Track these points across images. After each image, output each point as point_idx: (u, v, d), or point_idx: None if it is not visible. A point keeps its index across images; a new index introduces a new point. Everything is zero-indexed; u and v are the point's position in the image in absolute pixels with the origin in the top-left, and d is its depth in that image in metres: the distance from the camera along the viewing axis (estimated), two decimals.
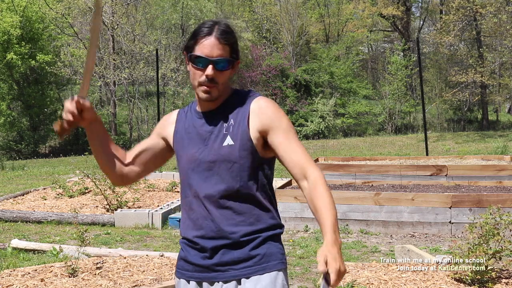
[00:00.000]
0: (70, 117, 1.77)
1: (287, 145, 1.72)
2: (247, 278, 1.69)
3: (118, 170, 1.90)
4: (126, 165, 1.91)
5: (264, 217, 1.74)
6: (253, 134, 1.72)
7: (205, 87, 1.72)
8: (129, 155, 1.92)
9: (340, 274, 1.48)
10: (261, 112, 1.74)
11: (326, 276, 1.50)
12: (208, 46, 1.69)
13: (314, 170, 1.70)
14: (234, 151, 1.71)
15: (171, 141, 1.87)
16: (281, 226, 1.80)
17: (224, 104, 1.80)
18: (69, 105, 1.76)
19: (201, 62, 1.70)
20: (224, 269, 1.71)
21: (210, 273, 1.73)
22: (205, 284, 1.75)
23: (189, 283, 1.78)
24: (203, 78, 1.71)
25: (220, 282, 1.72)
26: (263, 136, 1.73)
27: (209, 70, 1.69)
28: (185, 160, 1.79)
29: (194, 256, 1.76)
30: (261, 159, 1.76)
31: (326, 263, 1.49)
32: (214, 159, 1.72)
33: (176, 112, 1.93)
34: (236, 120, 1.75)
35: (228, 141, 1.72)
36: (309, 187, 1.68)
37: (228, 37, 1.71)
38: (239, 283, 1.71)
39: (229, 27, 1.73)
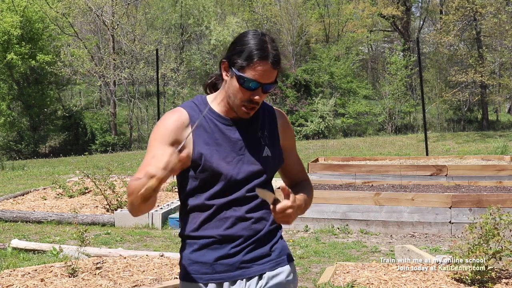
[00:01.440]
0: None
1: (298, 163, 1.97)
2: (271, 271, 1.78)
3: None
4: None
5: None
6: (282, 148, 1.87)
7: (247, 109, 1.73)
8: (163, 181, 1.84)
9: (285, 210, 1.62)
10: (285, 128, 1.90)
11: (276, 201, 1.61)
12: (263, 73, 1.68)
13: (307, 176, 2.03)
14: (272, 163, 1.82)
15: (190, 149, 1.73)
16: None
17: (256, 114, 1.82)
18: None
19: (251, 85, 1.69)
20: (249, 265, 1.76)
21: (234, 272, 1.76)
22: (226, 284, 1.75)
23: (207, 286, 1.76)
24: (249, 100, 1.71)
25: (244, 279, 1.76)
26: (285, 151, 1.90)
27: (258, 93, 1.70)
28: (216, 167, 1.72)
29: (216, 257, 1.75)
30: None
31: (287, 193, 1.63)
32: (254, 168, 1.77)
33: (184, 113, 1.77)
34: (269, 132, 1.84)
35: (267, 152, 1.80)
36: (303, 182, 1.97)
37: (279, 62, 1.71)
38: (260, 277, 1.77)
39: (279, 54, 1.73)
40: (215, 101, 1.81)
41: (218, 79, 1.88)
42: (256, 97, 1.70)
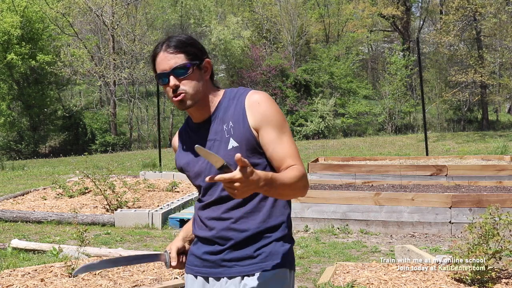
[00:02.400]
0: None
1: (277, 143, 1.72)
2: (252, 275, 1.72)
3: None
4: None
5: (274, 217, 1.77)
6: (254, 130, 1.73)
7: (175, 98, 1.75)
8: None
9: (233, 186, 1.44)
10: (254, 108, 1.73)
11: (225, 168, 1.45)
12: (161, 61, 1.75)
13: (301, 166, 1.72)
14: (242, 152, 1.68)
15: (175, 163, 1.94)
16: (286, 227, 1.82)
17: (218, 109, 1.80)
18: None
19: (163, 79, 1.75)
20: (230, 264, 1.75)
21: (217, 269, 1.78)
22: (211, 280, 1.80)
23: (196, 278, 1.84)
24: (170, 91, 1.75)
25: (225, 278, 1.76)
26: (257, 132, 1.74)
27: (171, 81, 1.73)
28: (193, 174, 1.83)
29: (203, 251, 1.82)
30: (265, 156, 1.77)
31: (243, 165, 1.42)
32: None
33: (176, 136, 1.97)
34: (235, 121, 1.74)
35: (232, 143, 1.72)
36: (288, 168, 1.71)
37: (177, 45, 1.74)
38: (242, 279, 1.74)
39: (177, 39, 1.76)
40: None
41: None
42: (172, 84, 1.72)
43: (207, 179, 1.46)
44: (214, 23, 26.42)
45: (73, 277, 4.27)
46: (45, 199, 8.44)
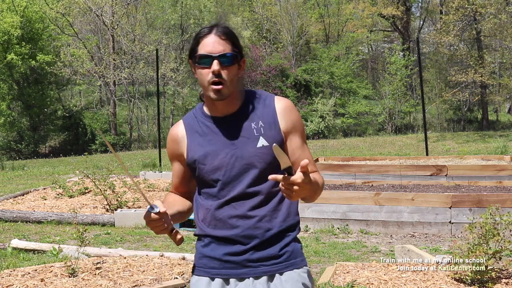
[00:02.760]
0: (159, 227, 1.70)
1: (302, 151, 1.82)
2: (280, 274, 1.76)
3: (189, 208, 1.95)
4: (189, 198, 1.95)
5: (292, 216, 1.82)
6: (283, 134, 1.80)
7: (214, 86, 1.71)
8: (180, 190, 1.95)
9: (293, 189, 1.50)
10: (286, 114, 1.81)
11: (289, 170, 1.49)
12: (210, 44, 1.71)
13: (319, 173, 1.84)
14: (271, 152, 1.72)
15: (185, 155, 1.84)
16: (299, 227, 1.89)
17: (244, 106, 1.81)
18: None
19: (205, 61, 1.71)
20: (256, 265, 1.75)
21: (241, 269, 1.76)
22: (232, 281, 1.77)
23: (213, 280, 1.79)
24: (210, 75, 1.71)
25: (251, 278, 1.76)
26: (286, 136, 1.81)
27: (215, 65, 1.70)
28: (211, 167, 1.77)
29: (223, 253, 1.77)
30: None
31: (305, 171, 1.49)
32: (249, 161, 1.75)
33: (180, 123, 1.89)
34: (265, 122, 1.78)
35: (262, 142, 1.76)
36: (315, 173, 1.80)
37: (228, 33, 1.74)
38: (270, 279, 1.76)
39: (228, 27, 1.76)
40: (205, 104, 1.86)
41: None
42: (215, 69, 1.69)
43: (271, 177, 1.50)
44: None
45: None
46: (45, 199, 8.44)
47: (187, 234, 6.47)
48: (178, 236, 1.73)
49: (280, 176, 1.49)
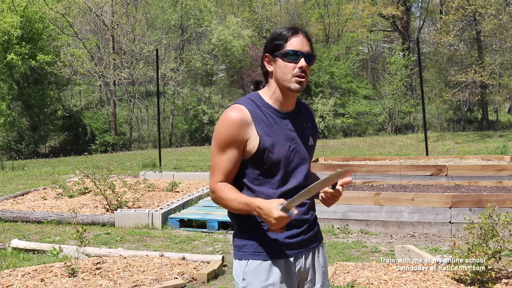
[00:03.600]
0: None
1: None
2: (317, 249, 2.11)
3: None
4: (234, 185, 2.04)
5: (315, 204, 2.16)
6: None
7: (299, 78, 1.91)
8: (230, 178, 1.98)
9: (337, 195, 1.91)
10: (315, 123, 2.16)
11: (334, 186, 1.88)
12: (299, 42, 1.92)
13: None
14: (313, 151, 2.09)
15: (254, 141, 1.90)
16: None
17: (298, 108, 2.06)
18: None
19: (295, 56, 1.91)
20: (307, 244, 2.04)
21: (297, 250, 2.00)
22: (291, 259, 1.98)
23: (275, 263, 1.95)
24: (297, 70, 1.91)
25: (303, 256, 2.03)
26: None
27: (302, 62, 1.91)
28: (278, 157, 1.93)
29: (284, 236, 1.96)
30: None
31: (343, 186, 1.90)
32: (304, 156, 2.01)
33: (244, 110, 1.91)
34: (311, 124, 2.09)
35: (311, 141, 2.06)
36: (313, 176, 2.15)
37: (310, 38, 1.97)
38: (313, 253, 2.08)
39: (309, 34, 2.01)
40: (267, 96, 1.99)
41: (260, 79, 2.11)
42: (303, 65, 1.90)
43: (324, 190, 1.91)
44: (214, 23, 26.42)
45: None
46: (45, 199, 8.44)
47: (187, 234, 6.47)
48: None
49: (329, 190, 1.88)
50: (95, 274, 4.38)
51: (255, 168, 1.94)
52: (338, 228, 6.40)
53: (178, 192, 8.94)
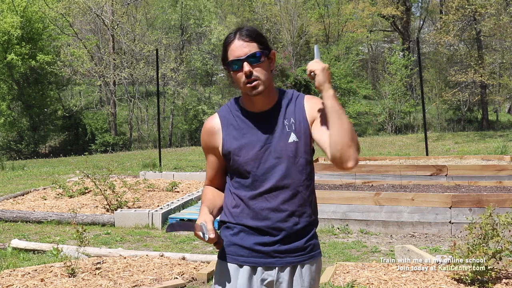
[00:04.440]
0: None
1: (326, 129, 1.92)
2: (302, 266, 1.90)
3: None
4: (223, 190, 2.03)
5: (315, 211, 1.96)
6: (310, 126, 1.92)
7: (249, 84, 1.84)
8: (215, 183, 2.03)
9: (314, 66, 1.82)
10: (312, 105, 1.94)
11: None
12: (237, 48, 1.84)
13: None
14: (300, 147, 1.89)
15: (220, 147, 1.93)
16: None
17: (278, 103, 1.93)
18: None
19: (236, 65, 1.85)
20: (283, 256, 1.87)
21: (268, 259, 1.87)
22: (259, 269, 1.87)
23: (241, 267, 1.88)
24: (243, 77, 1.84)
25: (277, 268, 1.88)
26: (311, 125, 1.93)
27: (246, 67, 1.83)
28: (245, 160, 1.87)
29: (253, 242, 1.87)
30: (312, 154, 1.97)
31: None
32: (281, 155, 1.87)
33: (216, 117, 1.97)
34: (296, 118, 1.91)
35: (293, 137, 1.89)
36: None
37: (250, 35, 1.86)
38: (293, 269, 1.89)
39: (250, 29, 1.89)
40: (241, 99, 1.98)
41: None
42: (247, 69, 1.82)
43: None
44: (214, 23, 26.42)
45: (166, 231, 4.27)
46: (45, 199, 8.44)
47: (187, 234, 6.47)
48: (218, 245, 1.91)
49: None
50: (95, 274, 4.38)
51: (230, 171, 1.94)
52: (338, 228, 6.40)
53: (178, 192, 8.94)
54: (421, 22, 34.70)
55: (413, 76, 26.08)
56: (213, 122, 1.96)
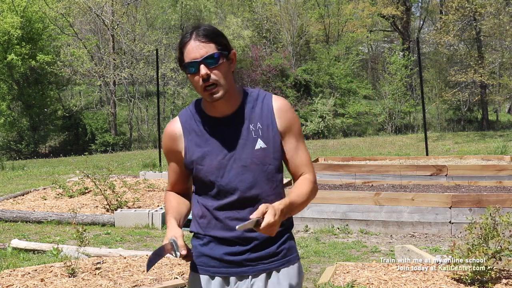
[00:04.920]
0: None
1: (296, 151, 1.83)
2: (277, 271, 1.81)
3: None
4: (187, 195, 1.95)
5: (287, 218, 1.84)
6: (281, 135, 1.80)
7: (207, 90, 1.70)
8: (177, 188, 1.94)
9: (270, 225, 1.57)
10: (282, 114, 1.80)
11: (258, 223, 1.58)
12: (192, 51, 1.70)
13: (312, 174, 1.86)
14: (269, 154, 1.76)
15: (183, 154, 1.82)
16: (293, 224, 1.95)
17: (243, 107, 1.79)
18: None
19: (192, 67, 1.70)
20: (255, 263, 1.79)
21: (240, 268, 1.79)
22: (232, 279, 1.80)
23: (213, 278, 1.81)
24: (201, 81, 1.70)
25: (250, 276, 1.79)
26: (282, 137, 1.81)
27: (203, 70, 1.68)
28: (209, 168, 1.76)
29: (223, 253, 1.79)
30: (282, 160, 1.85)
31: (263, 213, 1.58)
32: (247, 163, 1.75)
33: (177, 121, 1.85)
34: (263, 123, 1.77)
35: (260, 144, 1.76)
36: (300, 179, 1.84)
37: (207, 35, 1.71)
38: (268, 276, 1.80)
39: (208, 28, 1.74)
40: (202, 103, 1.84)
41: None
42: (203, 72, 1.68)
43: (238, 227, 1.54)
44: (214, 23, 26.43)
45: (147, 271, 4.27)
46: (45, 199, 8.44)
47: (187, 234, 6.47)
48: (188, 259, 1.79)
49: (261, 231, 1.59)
50: (95, 274, 4.38)
51: (195, 181, 1.85)
52: (338, 228, 6.40)
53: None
54: (421, 22, 34.72)
55: (413, 76, 26.08)
56: (174, 127, 1.84)
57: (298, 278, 1.85)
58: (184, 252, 1.69)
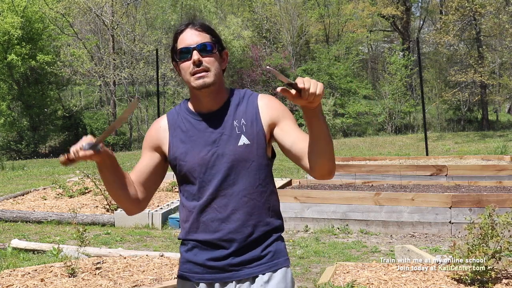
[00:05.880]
0: (81, 156, 1.66)
1: (298, 132, 1.74)
2: (263, 274, 1.73)
3: (132, 197, 1.81)
4: (137, 192, 1.83)
5: (275, 217, 1.79)
6: (266, 131, 1.75)
7: (197, 74, 1.69)
8: (137, 178, 1.86)
9: (311, 93, 1.44)
10: (269, 107, 1.77)
11: (292, 85, 1.43)
12: (188, 37, 1.72)
13: None
14: (252, 150, 1.72)
15: (166, 149, 1.80)
16: (283, 226, 1.86)
17: (228, 103, 1.78)
18: (84, 151, 1.65)
19: (185, 53, 1.71)
20: (238, 268, 1.73)
21: (224, 274, 1.74)
22: (217, 285, 1.76)
23: (198, 285, 1.77)
24: (192, 67, 1.69)
25: (234, 282, 1.74)
26: (272, 129, 1.76)
27: (194, 55, 1.69)
28: (192, 165, 1.74)
29: (206, 258, 1.75)
30: (269, 157, 1.79)
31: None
32: (230, 159, 1.71)
33: (164, 117, 1.86)
34: (247, 119, 1.75)
35: (244, 140, 1.72)
36: None
37: (204, 26, 1.74)
38: (253, 281, 1.73)
39: (203, 22, 1.77)
40: (190, 101, 1.84)
41: None
42: (195, 58, 1.68)
43: (278, 89, 1.43)
44: (214, 23, 26.43)
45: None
46: (45, 199, 8.44)
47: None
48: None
49: (292, 91, 1.45)
50: (95, 274, 4.38)
51: (178, 179, 1.81)
52: (338, 228, 6.40)
53: (178, 192, 8.94)
54: (421, 22, 34.72)
55: (413, 76, 26.09)
56: (161, 123, 1.84)
57: (285, 285, 1.74)
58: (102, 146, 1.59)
